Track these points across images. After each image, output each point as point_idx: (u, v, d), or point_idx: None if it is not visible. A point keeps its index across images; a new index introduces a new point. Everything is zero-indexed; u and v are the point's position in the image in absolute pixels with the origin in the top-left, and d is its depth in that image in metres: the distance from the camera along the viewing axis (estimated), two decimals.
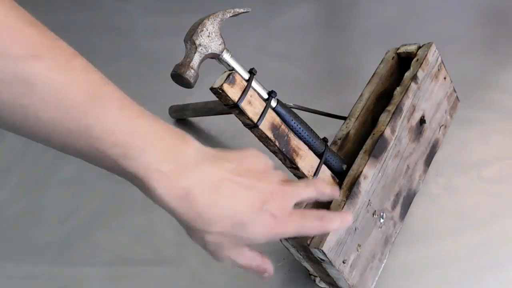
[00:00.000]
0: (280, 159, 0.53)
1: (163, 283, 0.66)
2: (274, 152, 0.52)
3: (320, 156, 0.54)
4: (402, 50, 0.68)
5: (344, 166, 0.57)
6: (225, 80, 0.45)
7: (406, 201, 0.63)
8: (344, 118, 0.64)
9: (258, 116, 0.48)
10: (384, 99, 0.66)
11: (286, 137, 0.50)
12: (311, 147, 0.53)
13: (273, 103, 0.50)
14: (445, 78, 0.68)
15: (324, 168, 0.55)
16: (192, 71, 0.45)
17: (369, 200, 0.56)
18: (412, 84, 0.62)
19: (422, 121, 0.65)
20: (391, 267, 0.61)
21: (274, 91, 0.49)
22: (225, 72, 0.47)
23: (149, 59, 0.95)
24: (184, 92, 0.49)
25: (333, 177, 0.56)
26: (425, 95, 0.65)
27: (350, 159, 0.58)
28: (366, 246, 0.56)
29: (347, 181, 0.56)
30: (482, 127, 0.74)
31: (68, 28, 0.41)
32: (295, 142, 0.51)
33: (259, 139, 0.51)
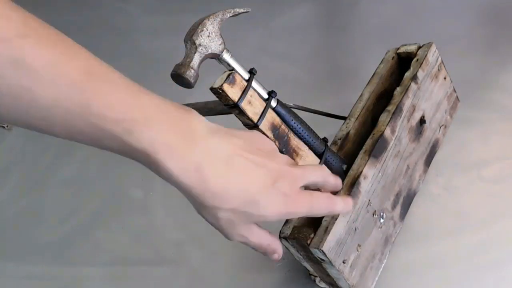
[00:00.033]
0: None
1: (163, 283, 0.66)
2: None
3: (320, 156, 0.54)
4: (402, 50, 0.68)
5: (344, 166, 0.57)
6: (225, 80, 0.45)
7: (406, 201, 0.63)
8: (344, 118, 0.64)
9: (258, 116, 0.47)
10: (384, 99, 0.66)
11: (286, 137, 0.50)
12: (311, 147, 0.53)
13: (273, 103, 0.49)
14: (445, 78, 0.68)
15: None
16: (192, 71, 0.45)
17: (369, 200, 0.56)
18: (412, 84, 0.62)
19: (422, 121, 0.65)
20: (391, 267, 0.61)
21: (274, 91, 0.49)
22: (225, 72, 0.47)
23: (149, 59, 0.95)
24: (184, 92, 0.49)
25: None
26: (425, 95, 0.65)
27: (350, 159, 0.58)
28: (366, 246, 0.56)
29: (347, 181, 0.56)
30: (482, 127, 0.74)
31: (68, 28, 0.41)
32: (295, 142, 0.51)
33: None
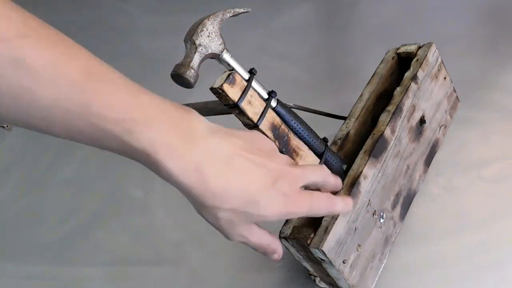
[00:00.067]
0: None
1: (163, 283, 0.66)
2: None
3: (320, 156, 0.54)
4: (402, 50, 0.68)
5: (344, 166, 0.57)
6: (225, 80, 0.45)
7: (406, 201, 0.63)
8: (344, 118, 0.64)
9: (258, 116, 0.47)
10: (384, 99, 0.66)
11: (286, 137, 0.50)
12: (311, 147, 0.53)
13: (273, 103, 0.49)
14: (445, 78, 0.68)
15: None
16: (192, 71, 0.45)
17: (369, 200, 0.56)
18: (412, 84, 0.62)
19: (422, 121, 0.65)
20: (391, 267, 0.61)
21: (274, 91, 0.49)
22: (225, 72, 0.47)
23: (149, 59, 0.95)
24: (184, 92, 0.49)
25: None
26: (425, 95, 0.65)
27: (350, 159, 0.58)
28: (366, 246, 0.56)
29: (347, 181, 0.56)
30: (482, 127, 0.74)
31: (68, 28, 0.41)
32: (295, 142, 0.51)
33: None
